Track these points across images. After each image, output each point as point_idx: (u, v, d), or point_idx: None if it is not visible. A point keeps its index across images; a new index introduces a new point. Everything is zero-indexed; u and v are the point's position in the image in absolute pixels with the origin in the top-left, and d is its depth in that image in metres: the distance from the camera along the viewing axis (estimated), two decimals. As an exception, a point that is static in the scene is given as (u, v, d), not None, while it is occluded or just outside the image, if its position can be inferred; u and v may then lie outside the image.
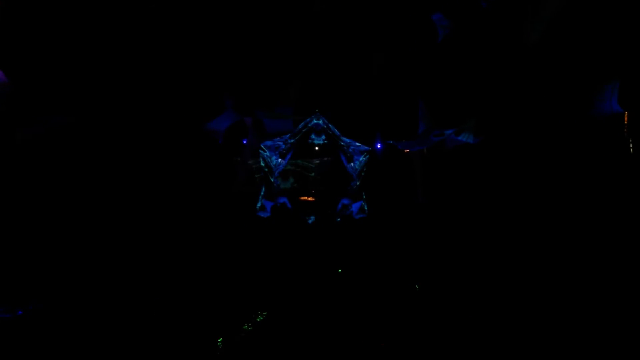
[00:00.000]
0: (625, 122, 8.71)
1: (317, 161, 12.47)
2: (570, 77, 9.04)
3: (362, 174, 11.73)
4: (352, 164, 11.88)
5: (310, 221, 10.92)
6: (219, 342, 5.72)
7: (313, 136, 11.63)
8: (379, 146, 12.05)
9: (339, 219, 10.98)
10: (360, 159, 11.77)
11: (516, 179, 9.88)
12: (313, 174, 12.45)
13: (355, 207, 11.83)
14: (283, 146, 11.40)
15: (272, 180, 11.30)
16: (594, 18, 8.53)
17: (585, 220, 8.54)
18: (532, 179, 9.65)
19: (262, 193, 11.27)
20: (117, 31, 9.87)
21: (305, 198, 12.04)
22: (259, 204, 11.08)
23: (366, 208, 11.71)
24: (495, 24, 9.12)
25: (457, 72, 10.31)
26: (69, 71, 9.21)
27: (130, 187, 10.20)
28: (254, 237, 10.51)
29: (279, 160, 11.47)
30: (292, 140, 11.43)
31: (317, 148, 11.87)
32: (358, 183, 11.75)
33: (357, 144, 11.74)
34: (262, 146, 11.22)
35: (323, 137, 11.62)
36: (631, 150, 8.83)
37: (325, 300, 7.28)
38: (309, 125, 11.43)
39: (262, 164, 11.29)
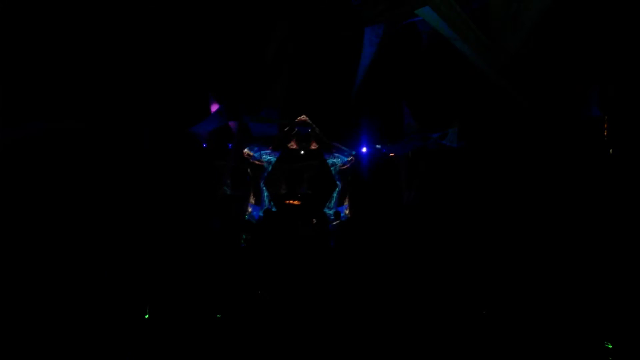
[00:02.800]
0: (605, 127, 8.94)
1: (303, 165, 12.47)
2: (551, 82, 9.23)
3: (348, 177, 11.79)
4: (337, 167, 11.93)
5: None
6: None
7: (299, 140, 11.64)
8: (364, 150, 12.11)
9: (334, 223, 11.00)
10: (346, 162, 11.83)
11: (501, 181, 10.05)
12: (299, 178, 12.44)
13: (340, 210, 11.87)
14: (269, 150, 11.37)
15: (258, 184, 11.28)
16: (575, 24, 8.72)
17: (567, 222, 8.71)
18: (517, 182, 9.82)
19: (248, 197, 11.24)
20: (101, 34, 9.70)
21: (292, 202, 12.03)
22: (246, 209, 11.05)
23: (347, 212, 11.75)
24: (479, 29, 9.22)
25: (442, 77, 10.42)
26: (50, 75, 9.01)
27: (114, 191, 10.03)
28: (241, 241, 10.44)
29: (265, 164, 11.45)
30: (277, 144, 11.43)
31: (302, 152, 11.87)
32: (343, 186, 11.81)
33: (343, 147, 11.79)
34: (247, 150, 11.17)
35: (309, 140, 11.63)
36: (611, 152, 9.06)
37: (312, 305, 7.27)
38: (295, 129, 11.44)
39: (248, 168, 11.27)
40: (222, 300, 7.26)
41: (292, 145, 11.74)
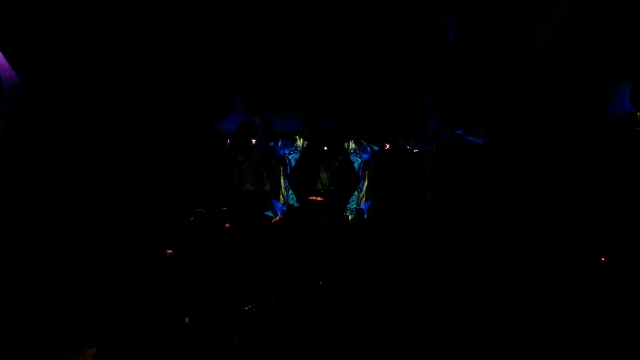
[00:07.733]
0: (639, 121, 8.67)
1: (326, 161, 12.46)
2: (581, 76, 9.00)
3: (371, 174, 11.73)
4: (360, 163, 11.88)
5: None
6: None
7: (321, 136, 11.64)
8: (387, 146, 12.01)
9: (353, 219, 10.97)
10: (369, 158, 11.77)
11: (527, 179, 9.85)
12: (322, 174, 12.44)
13: (364, 206, 11.82)
14: (292, 146, 11.40)
15: (281, 180, 11.31)
16: (606, 17, 8.48)
17: (598, 221, 8.48)
18: (544, 180, 9.61)
19: (271, 193, 11.29)
20: (125, 30, 9.86)
21: (314, 198, 12.03)
22: (270, 204, 11.11)
23: (370, 209, 11.67)
24: (506, 23, 9.07)
25: (467, 72, 10.25)
26: (79, 70, 9.19)
27: (140, 186, 10.21)
28: (263, 237, 10.48)
29: (288, 159, 11.48)
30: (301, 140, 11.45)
31: (325, 148, 11.86)
32: (367, 183, 11.75)
33: (366, 143, 11.73)
34: (271, 146, 11.22)
35: (332, 136, 11.62)
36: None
37: (330, 302, 7.25)
38: (318, 124, 11.43)
39: (271, 164, 11.32)
40: (239, 297, 7.29)
41: (315, 140, 11.74)
